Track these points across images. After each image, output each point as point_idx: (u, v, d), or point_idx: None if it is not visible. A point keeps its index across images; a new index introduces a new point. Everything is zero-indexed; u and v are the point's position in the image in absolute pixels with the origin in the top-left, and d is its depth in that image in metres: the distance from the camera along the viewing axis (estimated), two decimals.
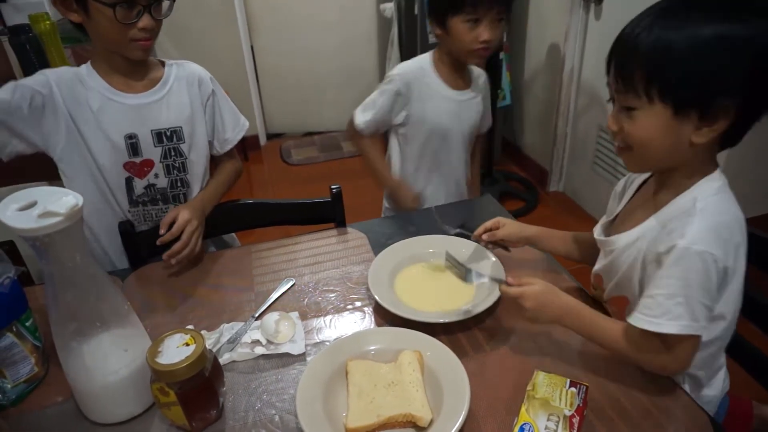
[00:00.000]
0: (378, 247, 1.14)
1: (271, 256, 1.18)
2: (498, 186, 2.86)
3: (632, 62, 0.73)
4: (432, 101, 1.41)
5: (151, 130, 1.19)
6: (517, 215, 2.56)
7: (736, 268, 0.74)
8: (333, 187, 1.29)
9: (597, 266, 0.94)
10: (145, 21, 1.06)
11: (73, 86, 1.13)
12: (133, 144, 1.18)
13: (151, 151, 1.20)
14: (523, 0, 2.77)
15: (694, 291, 0.72)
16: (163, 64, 1.23)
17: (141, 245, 1.22)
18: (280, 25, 3.36)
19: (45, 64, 1.62)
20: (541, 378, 0.79)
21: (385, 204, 1.62)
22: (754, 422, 1.04)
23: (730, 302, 0.77)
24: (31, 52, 1.57)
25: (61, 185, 1.13)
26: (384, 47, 3.25)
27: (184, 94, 1.22)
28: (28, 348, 0.86)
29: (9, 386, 0.84)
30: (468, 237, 1.10)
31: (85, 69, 1.16)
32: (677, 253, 0.72)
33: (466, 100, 1.45)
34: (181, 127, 1.21)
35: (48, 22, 1.74)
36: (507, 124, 3.20)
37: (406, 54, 3.02)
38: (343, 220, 1.30)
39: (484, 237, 1.07)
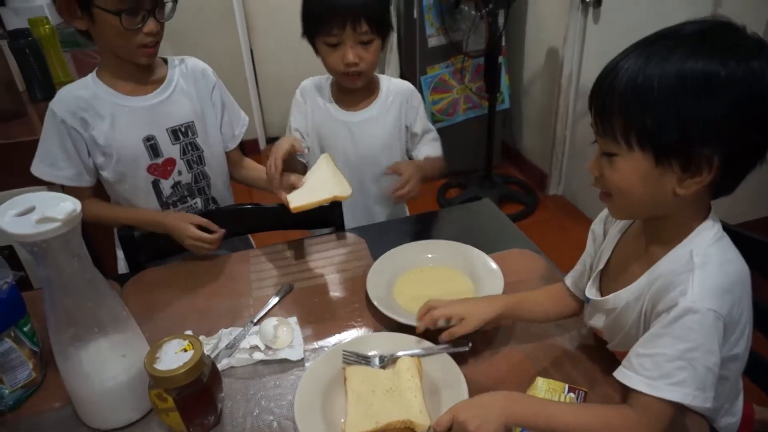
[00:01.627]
0: (377, 252, 1.14)
1: (270, 261, 1.18)
2: (497, 189, 2.86)
3: (610, 104, 0.67)
4: (322, 123, 1.32)
5: (167, 129, 1.20)
6: (515, 219, 2.57)
7: (741, 314, 0.70)
8: None
9: (595, 322, 0.85)
10: (150, 26, 1.07)
11: (79, 111, 1.14)
12: (152, 145, 1.19)
13: (171, 149, 1.22)
14: (521, 3, 2.78)
15: (699, 354, 0.65)
16: (165, 61, 1.24)
17: (140, 250, 1.21)
18: (280, 29, 3.36)
19: (44, 69, 1.62)
20: (540, 383, 0.79)
21: None
22: (755, 426, 1.03)
23: (742, 342, 0.73)
24: (31, 57, 1.57)
25: (58, 190, 1.14)
26: (383, 52, 3.25)
27: (190, 88, 1.24)
28: (26, 353, 0.85)
29: (7, 392, 0.84)
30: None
31: (91, 81, 1.16)
32: (679, 312, 0.66)
33: (361, 121, 1.31)
34: (193, 122, 1.23)
35: (48, 26, 1.74)
36: (506, 127, 3.20)
37: (405, 58, 3.02)
38: (341, 224, 1.30)
39: (443, 338, 0.86)
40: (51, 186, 1.39)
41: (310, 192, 1.13)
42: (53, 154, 1.15)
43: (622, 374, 0.71)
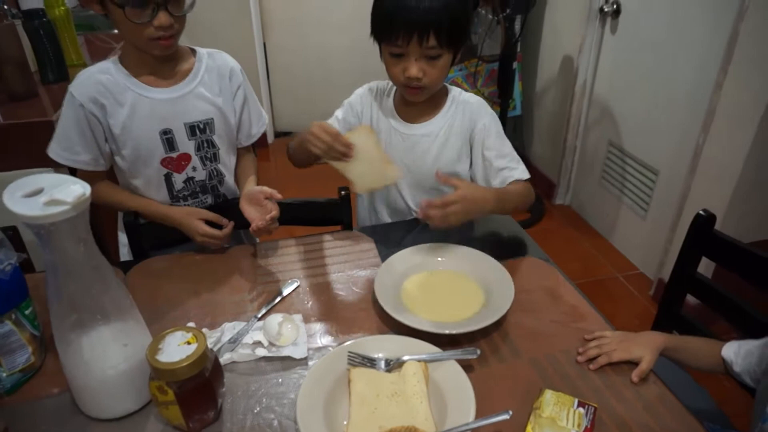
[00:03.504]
0: (385, 252, 1.12)
1: (276, 255, 1.16)
2: None
3: None
4: (379, 130, 1.24)
5: (184, 123, 1.17)
6: (521, 226, 2.55)
7: None
8: (341, 189, 1.27)
9: None
10: (161, 19, 1.02)
11: (99, 96, 1.11)
12: (168, 139, 1.17)
13: (186, 144, 1.19)
14: (539, 10, 2.76)
15: None
16: (194, 52, 1.20)
17: (144, 238, 1.20)
18: (294, 22, 3.35)
19: (58, 51, 1.61)
20: (548, 396, 0.77)
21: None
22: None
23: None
24: (45, 38, 1.56)
25: (64, 172, 1.12)
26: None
27: (215, 85, 1.21)
28: (26, 337, 0.84)
29: (4, 374, 0.82)
30: None
31: (113, 66, 1.13)
32: None
33: (419, 135, 1.23)
34: (212, 119, 1.21)
35: (63, 8, 1.73)
36: (516, 134, 3.18)
37: None
38: (350, 222, 1.29)
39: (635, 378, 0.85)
40: (58, 168, 1.38)
41: (366, 171, 1.06)
42: (71, 138, 1.13)
43: None
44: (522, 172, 1.19)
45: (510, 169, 1.19)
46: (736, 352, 0.90)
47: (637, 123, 2.31)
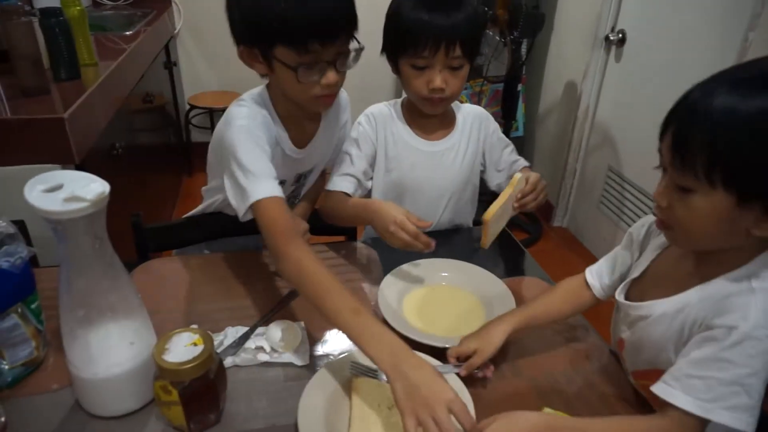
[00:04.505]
0: (388, 265, 1.13)
1: None
2: None
3: (696, 138, 0.63)
4: (398, 151, 1.25)
5: (296, 174, 1.18)
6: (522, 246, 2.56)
7: None
8: None
9: (622, 333, 0.85)
10: (329, 77, 0.97)
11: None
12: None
13: (287, 189, 1.18)
14: (545, 35, 2.81)
15: (755, 380, 0.65)
16: None
17: (150, 239, 1.21)
18: None
19: (71, 50, 1.62)
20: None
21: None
22: None
23: None
24: (60, 36, 1.58)
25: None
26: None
27: (331, 132, 1.20)
28: (30, 331, 0.84)
29: (6, 367, 0.82)
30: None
31: (265, 107, 1.07)
32: (739, 336, 0.65)
33: (442, 151, 1.26)
34: (316, 166, 1.21)
35: (78, 8, 1.75)
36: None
37: None
38: (354, 234, 1.30)
39: (463, 372, 0.86)
40: (65, 164, 1.39)
41: (500, 224, 1.10)
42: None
43: (667, 392, 0.70)
44: (523, 160, 1.32)
45: (515, 161, 1.31)
46: (596, 269, 0.94)
47: (638, 150, 2.35)
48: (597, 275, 0.95)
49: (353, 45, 0.99)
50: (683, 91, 0.68)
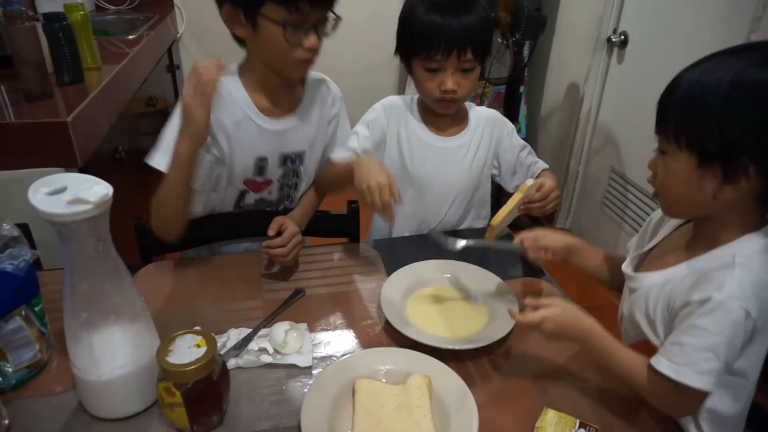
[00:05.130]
0: (391, 266, 1.13)
1: (284, 264, 1.17)
2: None
3: (669, 105, 0.73)
4: (410, 145, 1.27)
5: (280, 153, 1.18)
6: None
7: (765, 327, 0.72)
8: (351, 202, 1.29)
9: (623, 308, 0.92)
10: (311, 40, 1.02)
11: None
12: (261, 166, 1.17)
13: (274, 172, 1.19)
14: (547, 37, 2.81)
15: (724, 348, 0.69)
16: (302, 81, 1.19)
17: (154, 241, 1.21)
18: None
19: (75, 54, 1.63)
20: (550, 416, 0.78)
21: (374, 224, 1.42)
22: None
23: (753, 361, 0.76)
24: (64, 41, 1.58)
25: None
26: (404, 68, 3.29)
27: (315, 115, 1.21)
28: (34, 334, 0.85)
29: (10, 370, 0.83)
30: (482, 246, 1.04)
31: (232, 81, 1.10)
32: (712, 305, 0.70)
33: (453, 147, 1.28)
34: (305, 151, 1.21)
35: (82, 12, 1.76)
36: None
37: None
38: (357, 236, 1.30)
39: (527, 244, 0.99)
40: (68, 168, 1.39)
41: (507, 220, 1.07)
42: None
43: (655, 359, 0.75)
44: (542, 162, 1.33)
45: (533, 162, 1.33)
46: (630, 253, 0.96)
47: (641, 151, 2.34)
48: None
49: (331, 16, 1.05)
50: None
